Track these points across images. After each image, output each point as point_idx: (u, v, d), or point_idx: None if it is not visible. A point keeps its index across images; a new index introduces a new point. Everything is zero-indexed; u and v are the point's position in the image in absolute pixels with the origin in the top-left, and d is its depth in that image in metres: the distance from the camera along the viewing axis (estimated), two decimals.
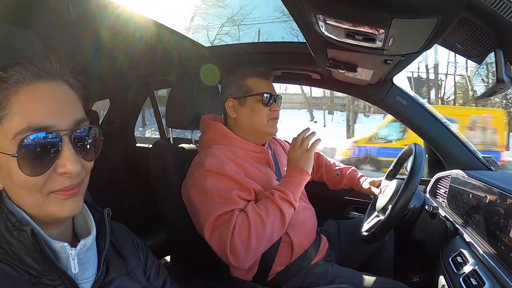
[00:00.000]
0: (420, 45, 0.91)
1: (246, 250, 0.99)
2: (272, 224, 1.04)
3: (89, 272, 0.58)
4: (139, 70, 2.04)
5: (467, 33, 0.84)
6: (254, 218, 1.02)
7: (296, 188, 1.12)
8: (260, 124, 1.24)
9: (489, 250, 0.89)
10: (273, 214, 1.05)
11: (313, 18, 0.86)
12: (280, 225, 1.07)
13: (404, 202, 1.06)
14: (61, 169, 0.51)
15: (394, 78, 1.48)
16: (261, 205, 1.07)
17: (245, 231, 1.00)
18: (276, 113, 1.26)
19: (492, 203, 0.97)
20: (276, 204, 1.06)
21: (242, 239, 0.99)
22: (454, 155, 1.46)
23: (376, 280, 1.12)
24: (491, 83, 0.81)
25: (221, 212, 1.02)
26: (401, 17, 0.72)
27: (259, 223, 1.02)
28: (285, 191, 1.09)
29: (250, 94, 1.23)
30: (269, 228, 1.03)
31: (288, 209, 1.08)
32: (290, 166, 1.18)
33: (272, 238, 1.06)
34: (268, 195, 1.09)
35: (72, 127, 0.52)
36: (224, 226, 1.01)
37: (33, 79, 0.51)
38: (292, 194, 1.09)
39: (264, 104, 1.23)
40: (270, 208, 1.06)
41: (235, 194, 1.06)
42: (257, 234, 1.00)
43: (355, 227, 1.38)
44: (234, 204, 1.04)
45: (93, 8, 1.15)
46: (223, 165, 1.10)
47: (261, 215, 1.03)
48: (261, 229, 1.02)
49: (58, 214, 0.53)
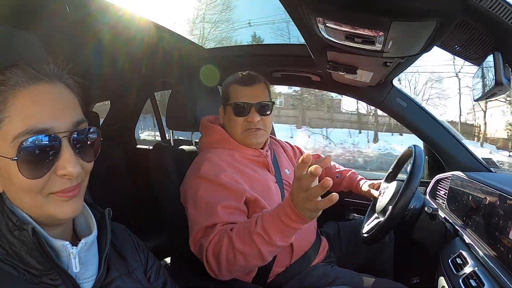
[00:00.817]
0: (419, 48, 0.92)
1: (218, 268, 0.96)
2: (244, 256, 0.91)
3: (90, 271, 0.58)
4: (139, 71, 2.04)
5: (466, 35, 0.84)
6: (226, 243, 0.93)
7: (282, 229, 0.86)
8: (235, 134, 1.22)
9: (488, 251, 0.89)
10: (250, 252, 0.90)
11: (312, 21, 0.86)
12: (257, 261, 0.93)
13: (405, 202, 1.06)
14: (61, 171, 0.51)
15: (394, 80, 1.49)
16: (242, 234, 0.92)
17: (216, 252, 0.95)
18: (252, 124, 1.19)
19: (492, 204, 0.97)
20: (255, 244, 0.88)
21: (215, 257, 0.96)
22: (454, 157, 1.47)
23: (376, 282, 1.12)
24: (490, 85, 0.81)
25: (205, 225, 1.00)
26: (400, 20, 0.73)
27: (230, 250, 0.92)
28: (269, 235, 0.86)
29: (228, 102, 1.22)
30: (240, 259, 0.91)
31: (270, 252, 0.91)
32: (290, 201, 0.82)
33: (247, 267, 0.97)
34: (252, 227, 0.90)
35: (71, 128, 0.52)
36: (204, 239, 0.99)
37: (31, 82, 0.51)
38: (279, 237, 0.87)
39: (235, 114, 1.19)
40: (248, 245, 0.90)
41: (220, 207, 1.01)
42: (227, 259, 0.93)
43: (355, 228, 1.38)
44: (217, 218, 1.01)
45: (94, 10, 1.16)
46: (218, 172, 1.09)
47: (235, 246, 0.91)
48: (232, 257, 0.92)
49: (59, 215, 0.53)
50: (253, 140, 1.21)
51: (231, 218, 1.03)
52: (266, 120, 1.22)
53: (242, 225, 0.95)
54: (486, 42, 0.83)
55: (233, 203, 1.06)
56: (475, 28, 0.80)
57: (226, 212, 1.03)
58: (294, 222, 0.83)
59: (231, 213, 1.04)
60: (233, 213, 1.05)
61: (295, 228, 0.85)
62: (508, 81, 0.78)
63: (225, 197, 1.05)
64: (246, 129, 1.20)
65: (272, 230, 0.86)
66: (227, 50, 1.76)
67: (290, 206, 0.81)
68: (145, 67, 1.95)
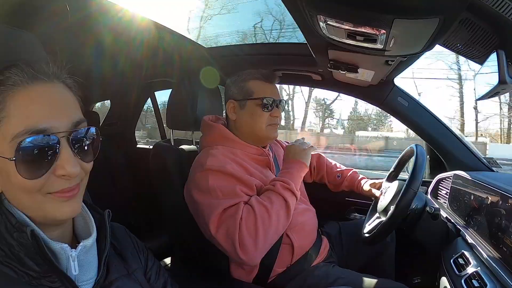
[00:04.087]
0: (422, 46, 0.91)
1: (255, 243, 0.99)
2: (277, 214, 1.04)
3: (89, 273, 0.57)
4: (140, 71, 2.04)
5: (468, 33, 0.84)
6: (259, 209, 1.02)
7: (296, 179, 1.13)
8: (258, 129, 1.23)
9: (491, 251, 0.89)
10: (277, 204, 1.06)
11: (314, 19, 0.85)
12: (285, 214, 1.07)
13: (406, 202, 1.05)
14: (60, 172, 0.50)
15: (395, 79, 1.48)
16: (264, 197, 1.08)
17: (251, 223, 1.00)
18: (276, 119, 1.25)
19: (494, 204, 0.96)
20: (279, 193, 1.07)
21: (250, 231, 0.99)
22: (456, 156, 1.46)
23: (378, 282, 1.12)
24: (493, 83, 0.80)
25: (226, 206, 1.02)
26: (402, 18, 0.72)
27: (265, 213, 1.02)
28: (287, 181, 1.10)
29: (250, 97, 1.22)
30: (274, 218, 1.03)
31: (291, 198, 1.09)
32: (288, 159, 1.20)
33: (278, 228, 1.06)
34: (270, 187, 1.10)
35: (69, 128, 0.51)
36: (231, 219, 1.00)
37: (30, 81, 0.50)
38: (294, 183, 1.11)
39: (263, 109, 1.21)
40: (274, 198, 1.06)
41: (238, 188, 1.06)
42: (263, 225, 1.00)
43: (357, 228, 1.38)
44: (238, 197, 1.05)
45: (94, 10, 1.15)
46: (224, 164, 1.10)
47: (266, 205, 1.04)
48: (267, 220, 1.02)
49: (58, 216, 0.53)
50: (275, 134, 1.28)
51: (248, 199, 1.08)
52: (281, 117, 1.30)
53: (262, 194, 1.11)
54: (489, 40, 0.82)
55: (248, 190, 1.10)
56: (478, 26, 0.79)
57: (245, 194, 1.08)
58: (296, 166, 1.17)
59: (248, 196, 1.09)
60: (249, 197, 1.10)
61: (299, 170, 1.16)
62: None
63: (238, 183, 1.09)
64: (271, 124, 1.24)
65: (287, 177, 1.12)
66: (227, 49, 1.75)
67: (289, 159, 1.20)
68: (145, 67, 1.94)
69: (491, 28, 0.78)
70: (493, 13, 0.71)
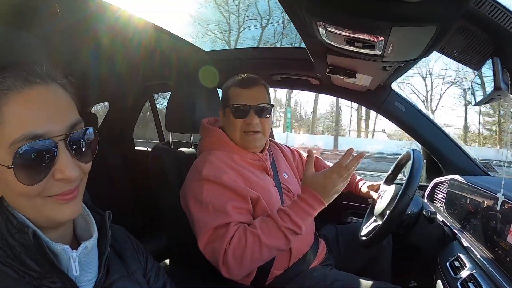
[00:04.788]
0: (419, 53, 0.92)
1: (239, 267, 0.99)
2: (270, 248, 1.00)
3: (90, 274, 0.58)
4: (138, 73, 2.04)
5: (465, 40, 0.85)
6: (252, 241, 0.99)
7: (307, 219, 1.04)
8: (234, 137, 1.21)
9: (486, 254, 0.90)
10: (275, 240, 1.01)
11: (313, 25, 0.87)
12: (282, 248, 1.03)
13: (402, 208, 1.07)
14: (58, 176, 0.50)
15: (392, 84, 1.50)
16: (263, 225, 1.02)
17: (239, 252, 0.98)
18: (250, 126, 1.18)
19: (489, 208, 0.98)
20: (284, 235, 1.01)
21: (235, 258, 0.98)
22: (452, 161, 1.48)
23: (374, 285, 1.12)
24: (489, 90, 0.82)
25: (216, 225, 1.01)
26: (400, 25, 0.74)
27: (256, 247, 0.99)
28: (299, 225, 1.02)
29: (227, 104, 1.21)
30: (265, 251, 1.00)
31: (294, 236, 1.03)
32: (309, 189, 1.04)
33: (269, 257, 1.04)
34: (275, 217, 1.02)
35: (66, 131, 0.51)
36: (218, 242, 0.99)
37: (23, 85, 0.49)
38: (303, 226, 1.03)
39: (234, 116, 1.19)
40: (274, 233, 1.01)
41: (230, 206, 1.04)
42: (252, 256, 0.99)
43: (354, 231, 1.39)
44: (228, 217, 1.02)
45: (92, 11, 1.15)
46: (220, 173, 1.09)
47: (261, 238, 0.99)
48: (258, 253, 0.99)
49: (58, 218, 0.53)
50: (252, 144, 1.21)
51: (242, 218, 1.06)
52: (264, 123, 1.21)
53: (264, 222, 1.04)
54: (485, 47, 0.84)
55: (241, 204, 1.07)
56: (474, 33, 0.81)
57: (237, 212, 1.05)
58: (316, 209, 1.03)
59: (241, 213, 1.07)
60: (243, 213, 1.07)
61: (314, 215, 1.05)
62: (507, 86, 0.78)
63: (231, 197, 1.07)
64: (245, 131, 1.19)
65: (300, 222, 1.02)
66: (226, 53, 1.77)
67: (314, 195, 1.02)
68: (143, 69, 1.94)
69: (487, 36, 0.79)
70: (489, 21, 0.73)
